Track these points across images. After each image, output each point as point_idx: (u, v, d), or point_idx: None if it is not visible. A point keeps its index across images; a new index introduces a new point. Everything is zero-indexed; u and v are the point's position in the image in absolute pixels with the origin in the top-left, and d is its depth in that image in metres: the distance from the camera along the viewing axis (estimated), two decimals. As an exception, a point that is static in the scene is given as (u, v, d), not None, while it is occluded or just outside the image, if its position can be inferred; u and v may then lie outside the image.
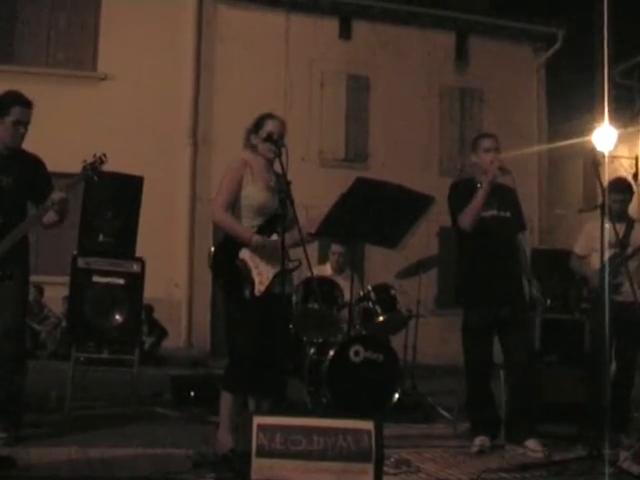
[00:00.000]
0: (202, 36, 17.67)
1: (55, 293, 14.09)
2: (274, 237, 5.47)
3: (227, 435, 5.49)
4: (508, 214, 6.55)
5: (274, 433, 4.28)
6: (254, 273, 5.42)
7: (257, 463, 4.24)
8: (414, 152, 18.25)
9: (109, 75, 16.99)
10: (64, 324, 14.23)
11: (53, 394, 7.50)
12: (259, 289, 5.40)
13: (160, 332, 14.67)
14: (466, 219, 6.38)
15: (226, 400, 5.56)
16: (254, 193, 5.56)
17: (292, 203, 5.40)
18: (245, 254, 5.44)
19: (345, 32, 18.54)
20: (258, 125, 5.72)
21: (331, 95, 18.24)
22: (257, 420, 4.32)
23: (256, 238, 5.44)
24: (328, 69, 18.20)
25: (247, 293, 5.40)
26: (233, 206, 5.57)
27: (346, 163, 17.96)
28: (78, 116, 16.07)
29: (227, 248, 5.52)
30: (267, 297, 5.44)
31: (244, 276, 5.42)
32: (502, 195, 6.57)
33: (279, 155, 5.41)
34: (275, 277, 5.43)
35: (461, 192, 6.55)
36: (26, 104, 6.02)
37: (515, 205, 6.66)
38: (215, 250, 5.59)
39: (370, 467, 4.36)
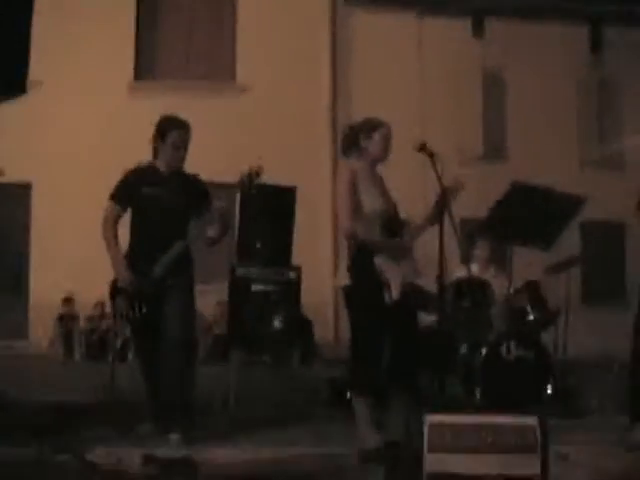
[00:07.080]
0: (337, 41, 18.03)
1: (204, 300, 14.42)
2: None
3: (370, 431, 5.64)
4: None
5: (444, 430, 4.58)
6: (390, 278, 5.60)
7: (429, 458, 4.57)
8: (553, 146, 18.13)
9: (247, 86, 17.50)
10: (215, 330, 14.71)
11: (218, 397, 7.78)
12: (395, 293, 5.58)
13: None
14: None
15: (360, 403, 5.70)
16: (370, 201, 5.73)
17: (450, 213, 5.61)
18: (379, 260, 5.63)
19: (478, 30, 18.61)
20: (369, 128, 5.88)
21: (467, 93, 18.32)
22: (429, 419, 4.63)
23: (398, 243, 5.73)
24: (462, 68, 18.23)
25: (387, 297, 5.58)
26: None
27: (484, 160, 18.07)
28: (219, 127, 16.49)
29: (363, 255, 5.67)
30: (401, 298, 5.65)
31: (383, 281, 5.61)
32: None
33: (434, 165, 5.58)
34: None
35: None
36: (182, 126, 6.30)
37: None
38: (353, 258, 5.76)
39: (537, 459, 4.62)
